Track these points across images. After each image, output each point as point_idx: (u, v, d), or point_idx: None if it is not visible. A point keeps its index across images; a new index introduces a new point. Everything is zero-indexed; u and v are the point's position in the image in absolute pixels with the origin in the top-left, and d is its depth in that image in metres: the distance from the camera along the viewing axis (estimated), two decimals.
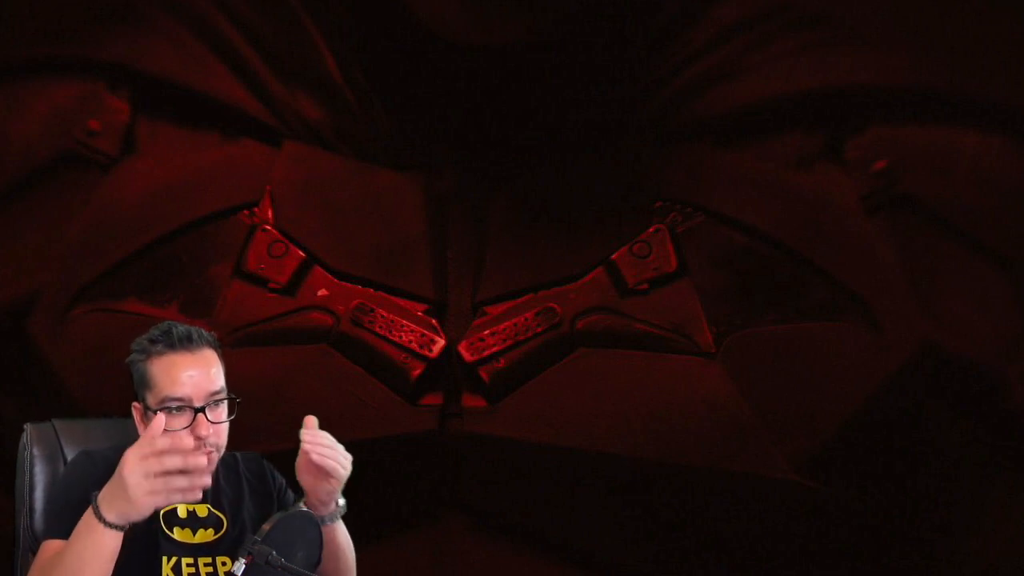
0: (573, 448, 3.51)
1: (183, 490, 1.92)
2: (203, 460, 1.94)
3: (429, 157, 3.81)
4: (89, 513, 1.95)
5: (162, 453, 1.91)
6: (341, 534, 2.24)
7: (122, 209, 3.77)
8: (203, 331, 2.20)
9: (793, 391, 3.51)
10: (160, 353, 2.15)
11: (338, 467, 2.13)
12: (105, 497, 1.95)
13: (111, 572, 1.97)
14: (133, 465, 1.91)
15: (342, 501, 2.21)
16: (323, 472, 2.13)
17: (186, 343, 2.15)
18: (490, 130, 3.77)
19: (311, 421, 2.15)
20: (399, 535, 3.58)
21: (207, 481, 1.96)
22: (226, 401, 2.16)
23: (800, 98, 3.71)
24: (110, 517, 1.93)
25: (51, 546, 2.06)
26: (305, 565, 2.06)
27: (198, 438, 2.10)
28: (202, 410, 2.12)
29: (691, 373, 3.54)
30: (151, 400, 2.14)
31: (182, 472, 1.91)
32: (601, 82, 3.77)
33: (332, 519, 2.20)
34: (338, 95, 3.83)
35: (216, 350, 2.20)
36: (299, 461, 2.14)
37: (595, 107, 3.78)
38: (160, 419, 1.99)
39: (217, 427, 2.14)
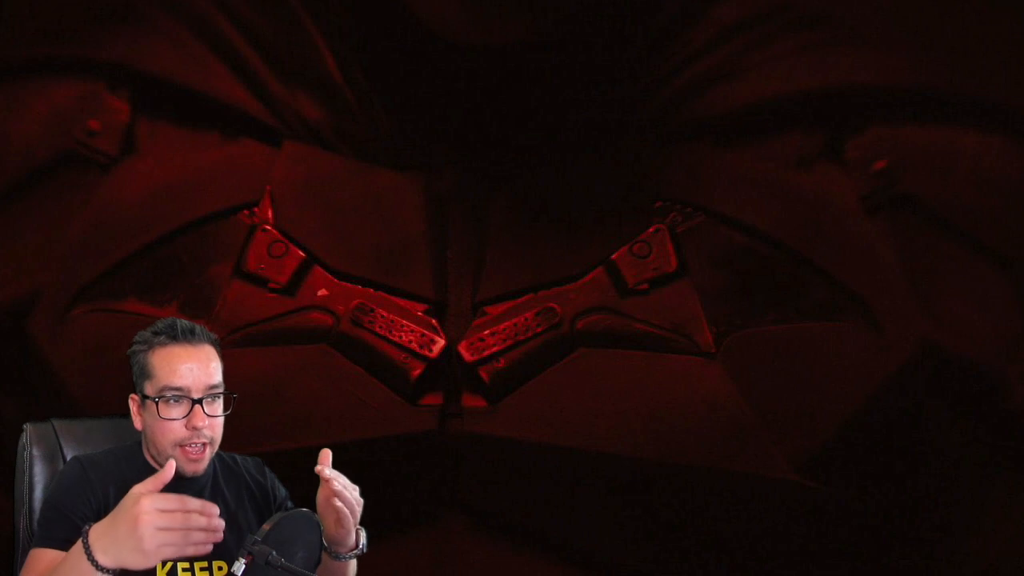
0: (573, 448, 3.51)
1: (199, 543, 1.91)
2: (219, 522, 1.92)
3: (429, 157, 3.81)
4: (79, 550, 1.91)
5: (188, 510, 1.90)
6: (351, 568, 2.26)
7: (122, 209, 3.77)
8: (205, 329, 2.23)
9: (793, 391, 3.51)
10: (162, 344, 2.18)
11: (353, 508, 2.14)
12: (101, 540, 1.90)
13: None
14: (151, 517, 1.87)
15: (364, 539, 2.20)
16: (341, 512, 2.14)
17: (188, 336, 2.19)
18: (490, 130, 3.77)
19: (327, 456, 2.14)
20: (399, 535, 3.57)
21: (219, 536, 1.96)
22: (223, 396, 2.19)
23: (800, 98, 3.71)
24: (104, 561, 1.90)
25: (38, 555, 2.06)
26: (305, 565, 2.06)
27: (194, 428, 2.14)
28: (199, 402, 2.15)
29: (691, 373, 3.54)
30: (150, 389, 2.16)
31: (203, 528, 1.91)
32: (601, 82, 3.77)
33: (348, 558, 2.20)
34: (338, 95, 3.83)
35: (216, 348, 2.23)
36: (321, 499, 2.14)
37: (595, 107, 3.78)
38: (171, 465, 1.98)
39: (212, 420, 2.17)
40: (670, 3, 3.75)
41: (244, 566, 1.99)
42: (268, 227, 3.75)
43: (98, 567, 1.89)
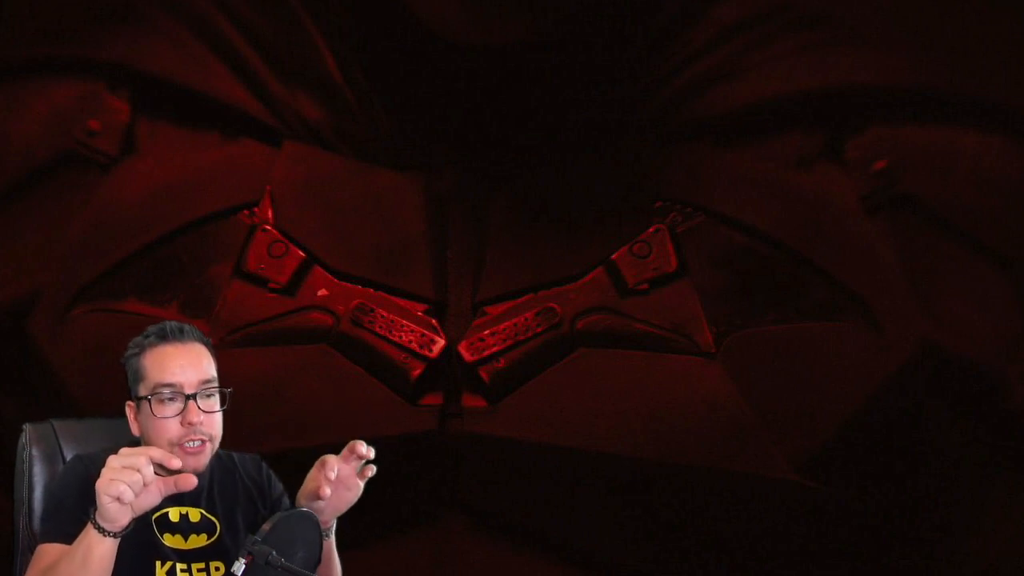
0: (573, 448, 3.51)
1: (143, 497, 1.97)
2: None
3: (429, 157, 3.81)
4: (87, 529, 1.99)
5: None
6: (334, 547, 2.27)
7: (122, 209, 3.77)
8: (196, 328, 2.24)
9: (793, 391, 3.51)
10: (152, 345, 2.19)
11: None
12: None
13: None
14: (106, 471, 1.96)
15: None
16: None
17: (177, 335, 2.19)
18: (490, 130, 3.77)
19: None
20: (399, 535, 3.57)
21: (192, 483, 2.01)
22: (218, 392, 2.18)
23: (800, 98, 3.71)
24: (102, 523, 1.97)
25: (46, 550, 2.07)
26: (305, 565, 2.06)
27: (189, 424, 2.13)
28: (193, 397, 2.14)
29: (691, 373, 3.54)
30: (143, 390, 2.16)
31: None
32: (601, 82, 3.77)
33: (328, 534, 2.22)
34: (338, 95, 3.83)
35: (207, 347, 2.23)
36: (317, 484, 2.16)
37: (595, 107, 3.78)
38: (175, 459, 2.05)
39: (209, 417, 2.16)
40: (670, 3, 3.75)
41: (244, 566, 1.99)
42: (268, 227, 3.75)
43: (97, 528, 1.96)
